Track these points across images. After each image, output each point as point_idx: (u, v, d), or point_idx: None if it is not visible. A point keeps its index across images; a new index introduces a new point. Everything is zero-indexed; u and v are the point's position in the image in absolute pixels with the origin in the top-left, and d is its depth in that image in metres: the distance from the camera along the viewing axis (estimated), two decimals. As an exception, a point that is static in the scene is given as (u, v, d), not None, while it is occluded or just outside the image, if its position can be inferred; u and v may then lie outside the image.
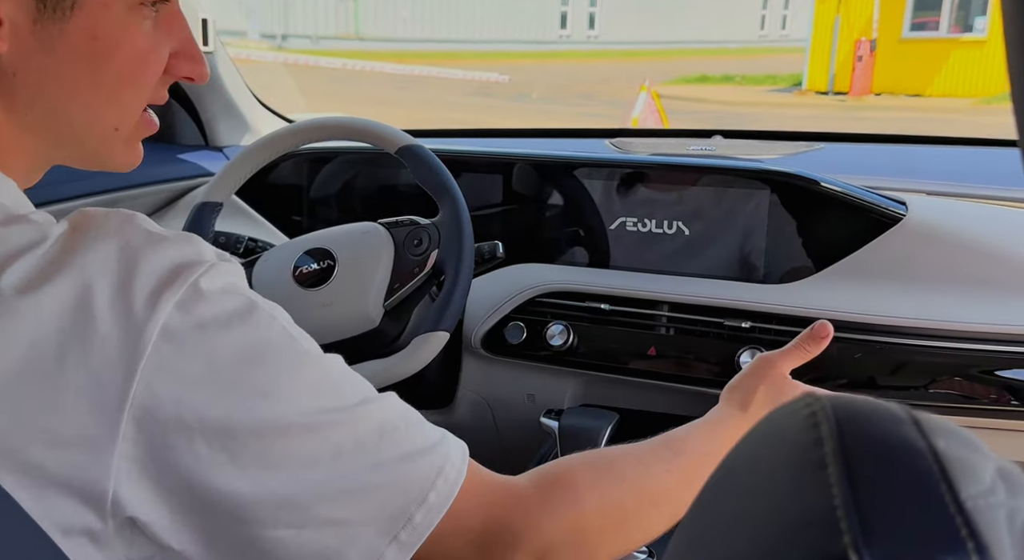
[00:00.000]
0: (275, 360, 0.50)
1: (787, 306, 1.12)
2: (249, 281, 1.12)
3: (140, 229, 0.50)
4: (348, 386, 0.54)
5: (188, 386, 0.47)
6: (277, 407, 0.49)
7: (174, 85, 1.46)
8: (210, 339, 0.48)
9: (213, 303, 0.49)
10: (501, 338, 1.22)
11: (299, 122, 1.18)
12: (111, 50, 0.54)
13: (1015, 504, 0.27)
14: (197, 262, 0.49)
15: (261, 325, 0.51)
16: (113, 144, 0.59)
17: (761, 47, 22.41)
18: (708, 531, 0.34)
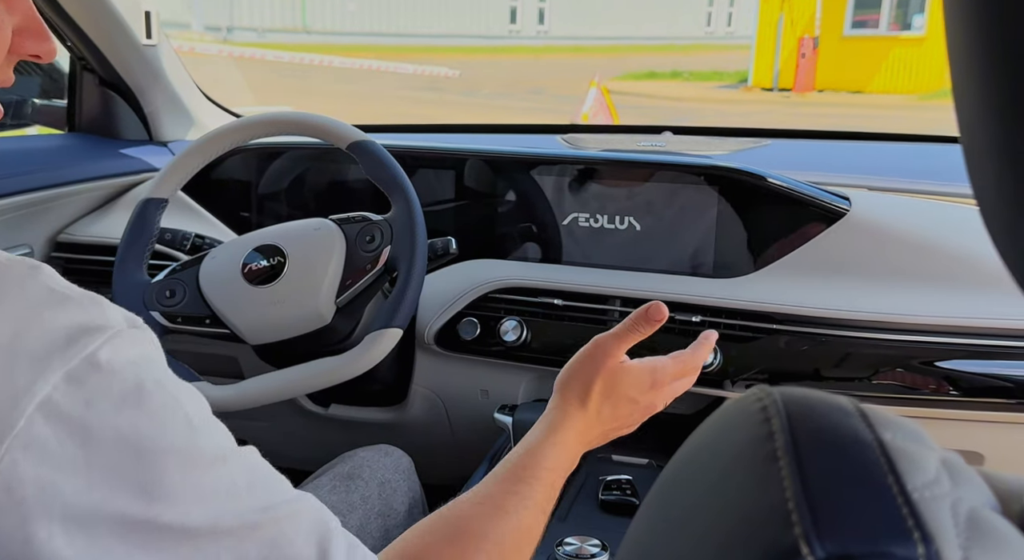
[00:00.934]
0: (167, 455, 0.44)
1: (736, 300, 1.14)
2: (196, 279, 1.10)
3: (42, 285, 0.45)
4: (250, 493, 0.48)
5: (58, 470, 0.41)
6: (156, 508, 0.43)
7: (116, 79, 1.42)
8: (96, 419, 0.42)
9: (109, 378, 0.43)
10: (454, 334, 1.22)
11: (247, 117, 1.16)
12: None
13: (958, 494, 0.28)
14: (101, 327, 0.44)
15: (160, 411, 0.44)
16: None
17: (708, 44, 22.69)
18: (663, 526, 0.34)
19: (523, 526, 0.63)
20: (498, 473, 0.67)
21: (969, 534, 0.25)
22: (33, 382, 0.41)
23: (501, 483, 0.65)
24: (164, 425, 0.44)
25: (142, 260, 1.13)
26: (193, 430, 0.46)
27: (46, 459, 0.41)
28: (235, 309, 1.08)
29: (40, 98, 1.47)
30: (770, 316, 1.12)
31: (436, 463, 1.26)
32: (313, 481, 1.03)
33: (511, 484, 0.65)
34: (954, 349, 1.05)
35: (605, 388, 0.74)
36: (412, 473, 1.09)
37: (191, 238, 1.21)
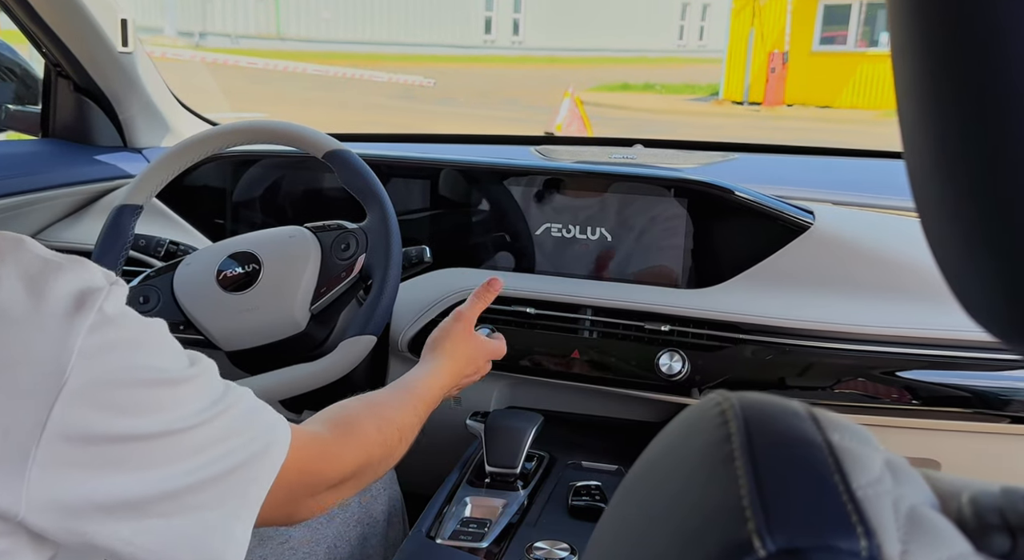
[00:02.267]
0: (169, 384, 0.53)
1: (703, 310, 1.16)
2: (170, 285, 1.10)
3: (34, 256, 0.51)
4: (211, 389, 0.57)
5: (95, 406, 0.48)
6: (166, 417, 0.52)
7: (91, 85, 1.42)
8: (117, 360, 0.50)
9: (118, 325, 0.51)
10: (428, 342, 1.23)
11: (223, 125, 1.17)
12: None
13: (900, 492, 0.30)
14: (99, 287, 0.51)
15: (156, 346, 0.54)
16: None
17: (680, 57, 22.92)
18: (627, 527, 0.36)
19: (410, 424, 0.83)
20: (392, 386, 0.88)
21: (908, 529, 0.28)
22: (66, 337, 0.48)
23: (397, 392, 0.86)
24: (165, 361, 0.54)
25: (116, 266, 1.13)
26: (180, 362, 0.56)
27: (88, 399, 0.48)
28: (209, 316, 1.08)
29: (14, 104, 1.46)
30: (736, 326, 1.15)
31: (409, 469, 1.27)
32: None
33: (403, 393, 0.86)
34: (914, 359, 1.08)
35: (454, 344, 0.98)
36: (393, 481, 1.10)
37: (165, 244, 1.21)
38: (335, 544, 0.95)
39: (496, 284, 1.05)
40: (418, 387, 0.89)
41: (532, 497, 1.06)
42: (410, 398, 0.86)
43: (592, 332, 1.21)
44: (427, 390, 0.89)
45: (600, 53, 21.78)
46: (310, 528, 0.95)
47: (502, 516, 1.02)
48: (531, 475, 1.10)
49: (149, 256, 1.22)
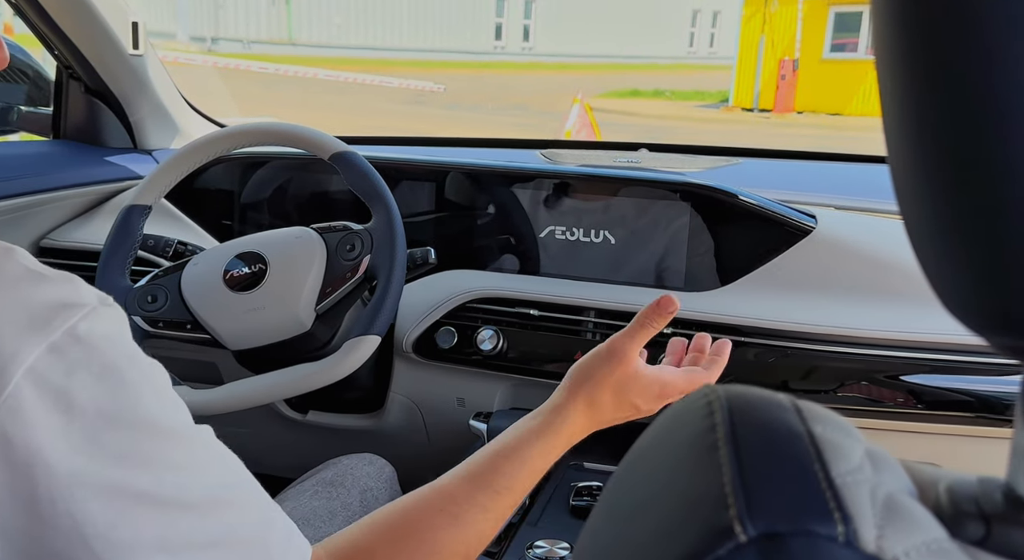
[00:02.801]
0: (140, 425, 0.47)
1: (705, 313, 1.17)
2: (178, 285, 1.11)
3: (19, 264, 0.47)
4: (212, 468, 0.51)
5: (42, 435, 0.43)
6: (132, 474, 0.46)
7: (102, 87, 1.44)
8: (76, 388, 0.44)
9: (88, 350, 0.45)
10: (432, 342, 1.24)
11: (232, 127, 1.18)
12: None
13: (878, 480, 0.31)
14: (78, 304, 0.46)
15: (133, 384, 0.47)
16: None
17: (690, 63, 22.95)
18: (617, 515, 0.37)
19: (478, 535, 0.64)
20: (471, 471, 0.66)
21: (885, 515, 0.28)
22: (18, 351, 0.43)
23: (468, 487, 0.65)
24: (137, 397, 0.47)
25: (125, 266, 1.15)
26: (161, 403, 0.48)
27: (31, 424, 0.43)
28: (216, 315, 1.09)
29: (26, 105, 1.48)
30: (738, 329, 1.15)
31: (413, 470, 1.28)
32: (297, 486, 1.05)
33: (478, 491, 0.65)
34: (917, 363, 1.09)
35: (616, 391, 0.75)
36: (394, 482, 1.11)
37: (174, 245, 1.23)
38: None
39: (669, 304, 0.80)
40: (531, 457, 0.68)
41: (533, 497, 1.07)
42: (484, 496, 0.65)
43: (595, 334, 1.21)
44: (542, 459, 0.69)
45: (610, 59, 21.83)
46: (313, 526, 0.95)
47: (503, 516, 1.03)
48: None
49: (157, 256, 1.23)
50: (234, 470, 0.53)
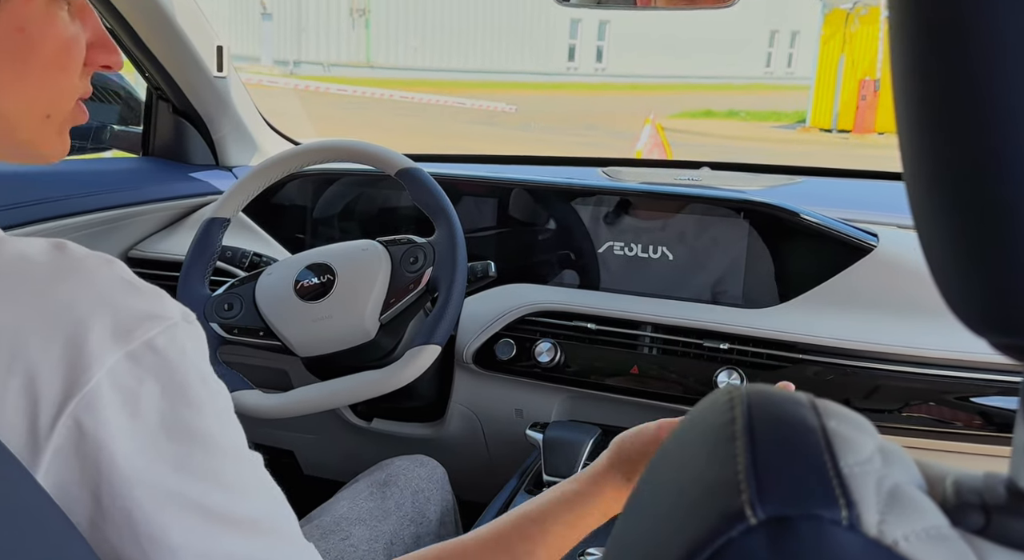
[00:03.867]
0: (195, 439, 0.50)
1: (763, 329, 1.17)
2: (252, 294, 1.18)
3: (116, 275, 0.51)
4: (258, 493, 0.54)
5: (110, 433, 0.47)
6: (185, 483, 0.49)
7: (187, 108, 1.53)
8: (145, 395, 0.48)
9: (162, 362, 0.49)
10: (492, 354, 1.28)
11: (305, 144, 1.24)
12: (37, 41, 0.56)
13: (886, 472, 0.33)
14: (161, 317, 0.50)
15: (198, 399, 0.50)
16: (46, 133, 0.60)
17: (766, 84, 22.63)
18: (646, 501, 0.39)
19: None
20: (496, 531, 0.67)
21: (888, 502, 0.30)
22: (102, 354, 0.47)
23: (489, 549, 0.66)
24: (199, 413, 0.50)
25: (204, 275, 1.21)
26: (222, 423, 0.52)
27: (103, 421, 0.47)
28: (287, 323, 1.15)
29: (118, 124, 1.58)
30: (796, 346, 1.15)
31: (471, 478, 1.31)
32: (351, 486, 1.08)
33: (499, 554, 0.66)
34: (988, 385, 1.07)
35: None
36: (445, 483, 1.14)
37: (249, 256, 1.29)
38: (391, 541, 0.99)
39: None
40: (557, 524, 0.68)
41: None
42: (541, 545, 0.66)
43: (651, 348, 1.23)
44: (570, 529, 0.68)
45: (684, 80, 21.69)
46: (368, 526, 0.99)
47: (556, 524, 1.05)
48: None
49: (234, 266, 1.30)
50: (278, 500, 0.56)
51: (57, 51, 0.57)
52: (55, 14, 0.57)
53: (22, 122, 0.58)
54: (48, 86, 0.58)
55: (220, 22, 18.01)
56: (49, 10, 0.56)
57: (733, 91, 20.38)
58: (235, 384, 1.13)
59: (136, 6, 1.33)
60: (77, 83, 0.60)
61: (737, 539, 0.29)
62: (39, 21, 0.56)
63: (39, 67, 0.56)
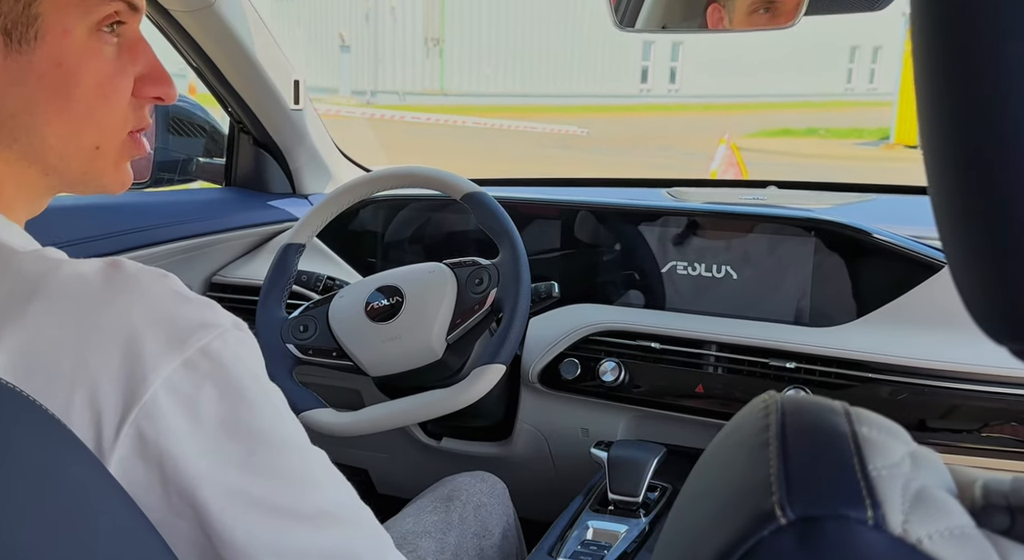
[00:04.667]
0: (255, 437, 0.52)
1: (831, 348, 1.16)
2: (326, 316, 1.22)
3: (169, 289, 0.53)
4: (327, 486, 0.56)
5: (172, 439, 0.49)
6: (249, 480, 0.51)
7: (267, 139, 1.60)
8: (204, 400, 0.50)
9: (217, 367, 0.51)
10: (557, 373, 1.29)
11: (374, 171, 1.29)
12: (76, 75, 0.57)
13: (913, 476, 0.34)
14: (213, 325, 0.52)
15: (255, 399, 0.52)
16: (99, 165, 0.62)
17: (847, 100, 22.13)
18: (686, 503, 0.41)
19: None
20: None
21: (913, 504, 0.31)
22: (158, 364, 0.49)
23: None
24: (257, 412, 0.52)
25: (281, 299, 1.26)
26: (280, 419, 0.54)
27: (163, 428, 0.49)
28: (358, 343, 1.19)
29: (203, 157, 1.67)
30: (866, 365, 1.13)
31: (538, 497, 1.33)
32: (416, 502, 1.11)
33: None
34: None
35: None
36: (506, 498, 1.16)
37: (323, 279, 1.35)
38: (456, 553, 1.02)
39: None
40: None
41: (653, 525, 1.09)
42: None
43: (716, 368, 1.23)
44: None
45: (760, 98, 21.39)
46: (434, 538, 1.01)
47: (622, 541, 1.05)
48: (653, 505, 1.13)
49: (309, 290, 1.35)
50: (348, 492, 0.58)
51: (98, 84, 0.59)
52: (96, 48, 0.58)
53: (72, 154, 0.60)
54: (92, 119, 0.59)
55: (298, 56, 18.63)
56: (89, 44, 0.58)
57: (812, 108, 19.99)
58: (309, 403, 1.17)
59: (221, 47, 1.41)
60: (127, 115, 0.62)
61: (768, 538, 0.31)
62: (77, 55, 0.57)
63: (81, 100, 0.58)
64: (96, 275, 0.52)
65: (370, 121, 10.02)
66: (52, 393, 0.47)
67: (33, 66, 0.56)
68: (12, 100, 0.57)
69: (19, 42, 0.55)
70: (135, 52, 0.62)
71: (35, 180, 0.61)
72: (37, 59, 0.56)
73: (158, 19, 1.38)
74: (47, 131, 0.58)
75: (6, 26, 0.55)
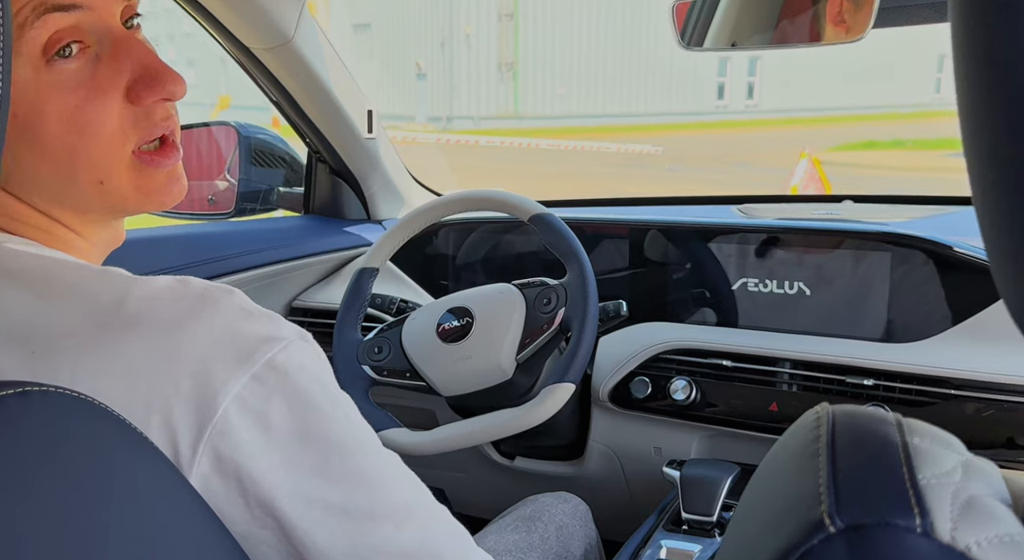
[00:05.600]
0: (327, 444, 0.53)
1: (910, 364, 1.13)
2: (399, 338, 1.25)
3: (235, 305, 0.53)
4: (402, 485, 0.56)
5: (246, 454, 0.50)
6: (325, 487, 0.52)
7: (342, 168, 1.66)
8: (274, 412, 0.51)
9: (284, 378, 0.51)
10: (627, 392, 1.29)
11: (445, 195, 1.32)
12: (36, 120, 0.52)
13: (964, 485, 0.34)
14: (278, 338, 0.52)
15: (323, 407, 0.53)
16: (117, 195, 0.58)
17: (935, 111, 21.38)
18: (742, 511, 0.42)
19: None
20: None
21: (962, 512, 0.32)
22: (227, 381, 0.50)
23: None
24: (326, 420, 0.53)
25: (356, 321, 1.30)
26: (351, 423, 0.54)
27: (237, 444, 0.50)
28: (430, 364, 1.22)
29: (283, 186, 1.74)
30: (948, 381, 1.10)
31: (613, 517, 1.32)
32: (497, 521, 1.12)
33: None
34: None
35: None
36: (589, 520, 1.16)
37: (397, 302, 1.38)
38: None
39: None
40: None
41: None
42: None
43: (791, 385, 1.21)
44: None
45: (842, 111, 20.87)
46: (515, 557, 1.02)
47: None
48: (728, 524, 1.11)
49: (383, 312, 1.39)
50: (423, 491, 0.59)
51: (63, 122, 0.53)
52: (49, 85, 0.52)
53: (81, 194, 0.57)
54: (77, 157, 0.54)
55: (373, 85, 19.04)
56: (39, 83, 0.52)
57: (898, 120, 19.40)
58: (384, 423, 1.20)
59: (298, 80, 1.48)
60: (122, 137, 0.56)
61: (817, 547, 0.31)
62: (30, 98, 0.52)
63: (54, 143, 0.53)
64: (165, 294, 0.52)
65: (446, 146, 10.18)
66: (130, 415, 0.48)
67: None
68: (12, 159, 0.54)
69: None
70: (116, 59, 0.55)
71: (74, 222, 0.59)
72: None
73: (240, 57, 1.45)
74: (46, 178, 0.55)
75: None
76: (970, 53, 0.30)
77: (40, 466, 0.41)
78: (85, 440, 0.44)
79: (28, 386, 0.42)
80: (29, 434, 0.41)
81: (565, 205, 1.63)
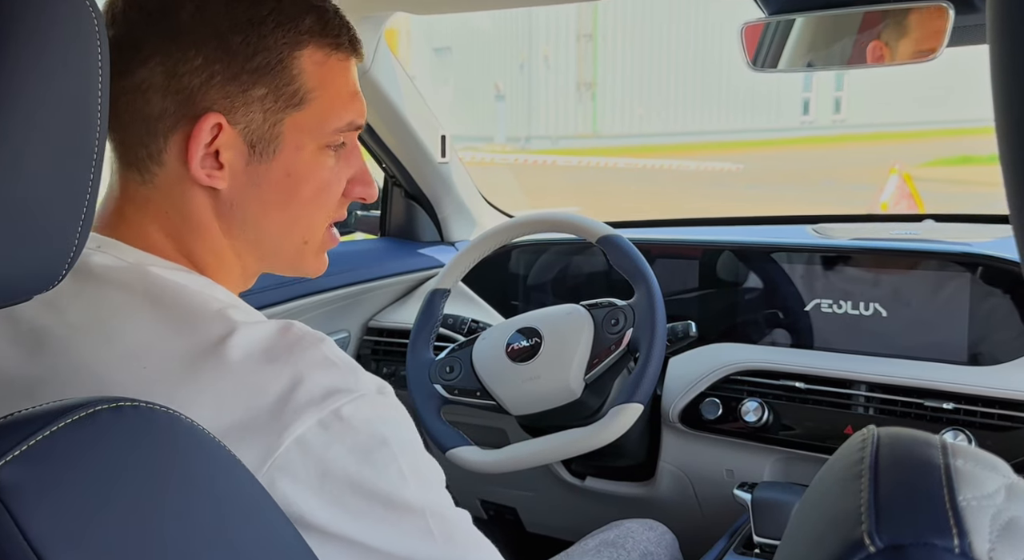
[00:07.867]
0: (376, 495, 0.57)
1: (992, 388, 1.09)
2: (470, 357, 1.28)
3: (319, 352, 0.58)
4: (443, 543, 0.59)
5: (300, 491, 0.55)
6: (367, 533, 0.56)
7: (417, 192, 1.70)
8: (332, 458, 0.55)
9: (347, 429, 0.56)
10: (697, 413, 1.28)
11: (515, 217, 1.35)
12: (301, 182, 0.67)
13: (1005, 507, 0.34)
14: (351, 389, 0.57)
15: (379, 463, 0.57)
16: (304, 255, 0.71)
17: (1036, 120, 20.34)
18: (791, 529, 0.43)
19: None
20: None
21: (1001, 535, 0.32)
22: (294, 421, 0.55)
23: None
24: (381, 473, 0.57)
25: (429, 341, 1.33)
26: (403, 481, 0.58)
27: (291, 481, 0.55)
28: (500, 383, 1.24)
29: (361, 210, 1.80)
30: None
31: (685, 539, 1.31)
32: (581, 544, 1.12)
33: None
34: None
35: None
36: (675, 550, 1.15)
37: (468, 322, 1.41)
38: None
39: None
40: None
41: None
42: None
43: (867, 408, 1.18)
44: None
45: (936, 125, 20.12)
46: None
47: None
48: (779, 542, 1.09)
49: (455, 332, 1.42)
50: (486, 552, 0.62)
51: (316, 192, 0.68)
52: (322, 161, 0.67)
53: (284, 247, 0.70)
54: (305, 219, 0.69)
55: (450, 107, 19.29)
56: (315, 158, 0.67)
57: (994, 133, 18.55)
58: (455, 441, 1.22)
59: (374, 108, 1.53)
60: (332, 213, 0.71)
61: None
62: (305, 167, 0.66)
63: (300, 203, 0.67)
64: (263, 342, 0.58)
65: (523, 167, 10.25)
66: None
67: (269, 173, 0.65)
68: (246, 199, 0.66)
69: (260, 154, 0.64)
70: (350, 160, 0.71)
71: (251, 264, 0.70)
72: (273, 168, 0.65)
73: (319, 87, 1.51)
74: (268, 226, 0.67)
75: (252, 140, 0.64)
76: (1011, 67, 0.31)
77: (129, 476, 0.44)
78: (170, 450, 0.47)
79: (122, 401, 0.46)
80: (120, 445, 0.45)
81: (630, 225, 1.63)
